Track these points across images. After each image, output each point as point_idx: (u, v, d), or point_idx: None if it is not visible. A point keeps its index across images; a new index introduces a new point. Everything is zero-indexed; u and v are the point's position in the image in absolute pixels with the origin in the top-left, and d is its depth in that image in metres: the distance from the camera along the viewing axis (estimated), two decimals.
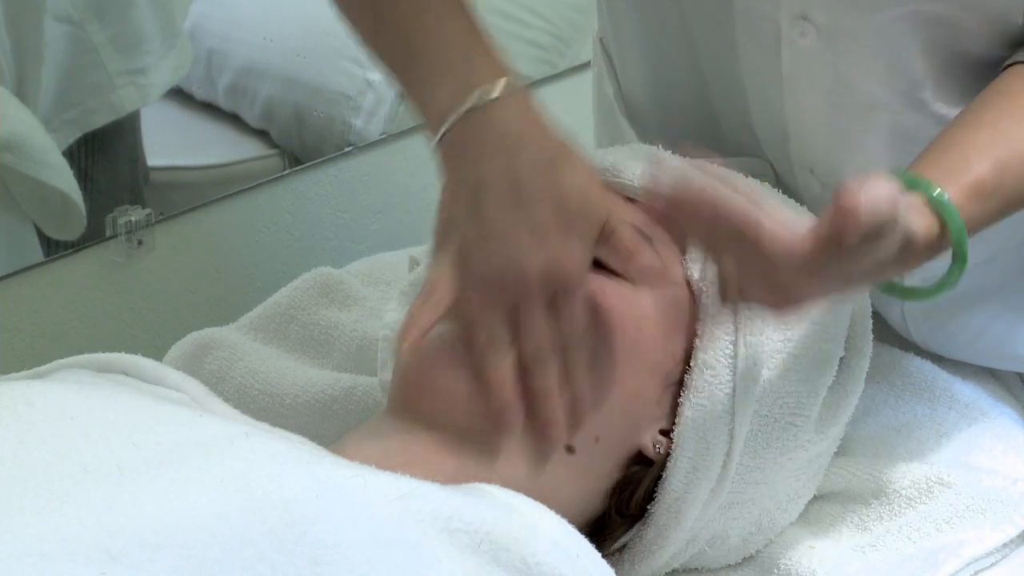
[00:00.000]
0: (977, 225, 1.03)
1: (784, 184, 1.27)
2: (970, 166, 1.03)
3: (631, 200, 1.15)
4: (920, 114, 1.17)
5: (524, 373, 1.06)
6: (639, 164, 1.17)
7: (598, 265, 1.10)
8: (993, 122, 1.07)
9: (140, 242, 1.65)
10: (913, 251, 0.98)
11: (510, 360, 1.06)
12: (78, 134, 1.65)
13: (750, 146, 1.28)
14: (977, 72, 1.13)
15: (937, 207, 1.00)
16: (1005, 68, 1.11)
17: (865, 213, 0.91)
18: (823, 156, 1.23)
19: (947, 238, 1.00)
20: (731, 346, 1.11)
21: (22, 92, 1.60)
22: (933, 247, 1.00)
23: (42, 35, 1.61)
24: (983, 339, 1.30)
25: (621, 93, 1.39)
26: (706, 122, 1.30)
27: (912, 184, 1.00)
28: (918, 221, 0.98)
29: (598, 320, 1.09)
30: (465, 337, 1.07)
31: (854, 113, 1.19)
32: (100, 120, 1.66)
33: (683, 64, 1.29)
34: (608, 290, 1.10)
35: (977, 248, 1.02)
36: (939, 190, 1.00)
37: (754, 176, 1.19)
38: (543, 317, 1.06)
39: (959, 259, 1.02)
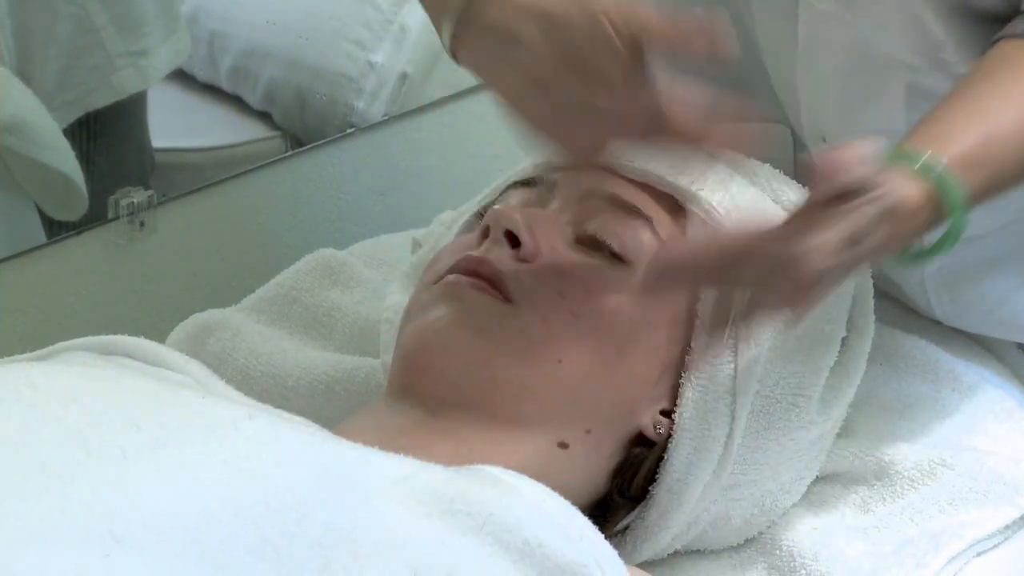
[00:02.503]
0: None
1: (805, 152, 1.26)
2: (956, 138, 1.02)
3: (631, 181, 1.15)
4: (942, 73, 1.16)
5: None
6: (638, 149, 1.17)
7: (595, 248, 1.11)
8: (977, 98, 1.06)
9: (142, 224, 1.64)
10: (902, 218, 0.98)
11: None
12: (79, 114, 1.65)
13: (775, 115, 1.28)
14: (997, 31, 1.13)
15: (925, 172, 0.99)
16: (994, 43, 1.11)
17: (827, 169, 0.94)
18: (836, 124, 1.23)
19: (940, 205, 1.00)
20: (732, 327, 1.11)
21: (24, 72, 1.60)
22: (925, 213, 1.00)
23: (46, 15, 1.60)
24: (1004, 308, 1.29)
25: None
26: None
27: (896, 157, 1.00)
28: (903, 187, 0.98)
29: (595, 306, 1.09)
30: (461, 319, 1.07)
31: (871, 75, 1.19)
32: (100, 101, 1.66)
33: None
34: (606, 273, 1.10)
35: (998, 212, 1.01)
36: (926, 156, 1.00)
37: (773, 145, 1.19)
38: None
39: (953, 218, 1.01)
